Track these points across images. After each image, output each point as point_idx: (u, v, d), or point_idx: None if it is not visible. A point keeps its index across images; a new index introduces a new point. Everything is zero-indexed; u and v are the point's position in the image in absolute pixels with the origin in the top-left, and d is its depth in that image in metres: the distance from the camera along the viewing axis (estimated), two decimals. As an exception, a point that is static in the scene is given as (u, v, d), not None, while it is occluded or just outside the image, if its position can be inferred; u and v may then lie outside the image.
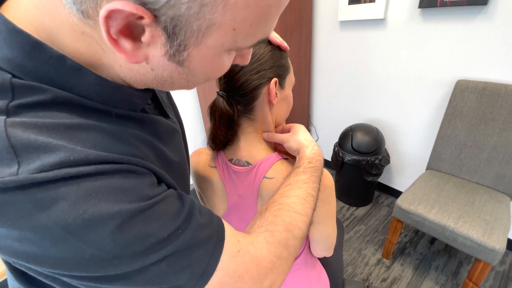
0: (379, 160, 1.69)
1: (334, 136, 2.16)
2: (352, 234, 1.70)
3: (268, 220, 0.39)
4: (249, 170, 0.53)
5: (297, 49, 1.88)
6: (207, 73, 0.29)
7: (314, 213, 0.45)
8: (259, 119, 0.53)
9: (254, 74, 0.47)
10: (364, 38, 1.70)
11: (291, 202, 0.42)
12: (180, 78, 0.29)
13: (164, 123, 0.39)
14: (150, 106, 0.39)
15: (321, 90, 2.16)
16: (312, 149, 0.50)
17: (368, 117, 1.91)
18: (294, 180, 0.45)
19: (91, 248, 0.23)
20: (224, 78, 0.49)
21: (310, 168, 0.47)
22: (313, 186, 0.46)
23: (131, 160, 0.28)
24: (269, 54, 0.48)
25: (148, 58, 0.25)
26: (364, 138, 1.72)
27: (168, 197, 0.30)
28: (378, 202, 1.96)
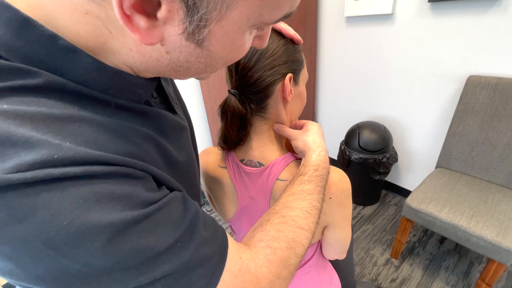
0: (387, 158, 1.67)
1: (340, 134, 2.14)
2: (360, 234, 1.68)
3: (269, 234, 0.36)
4: (262, 171, 0.52)
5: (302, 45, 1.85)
6: (227, 55, 0.26)
7: (317, 226, 0.43)
8: (273, 118, 0.51)
9: (268, 70, 0.45)
10: (371, 34, 1.68)
11: (295, 216, 0.39)
12: (198, 62, 0.26)
13: (171, 118, 0.37)
14: (156, 100, 0.36)
15: (326, 87, 2.13)
16: (319, 155, 0.46)
17: (375, 115, 1.89)
18: (298, 190, 0.42)
19: (77, 265, 0.20)
20: (236, 75, 0.47)
21: (316, 177, 0.44)
22: (318, 198, 0.43)
23: (127, 162, 0.24)
24: (282, 49, 0.46)
25: (164, 38, 0.23)
26: (371, 136, 1.70)
27: (169, 203, 0.27)
28: (386, 201, 1.94)
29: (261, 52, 0.45)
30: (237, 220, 0.60)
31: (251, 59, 0.45)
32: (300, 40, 0.49)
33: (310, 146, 0.48)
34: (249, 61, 0.45)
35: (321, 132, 0.51)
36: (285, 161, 0.51)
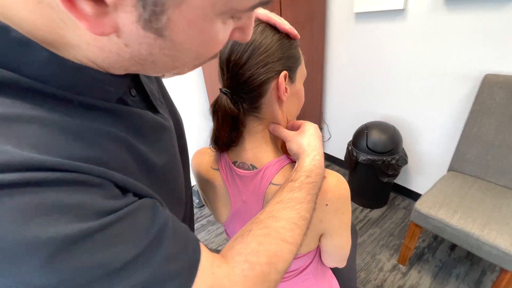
0: (396, 160, 1.62)
1: (348, 134, 2.08)
2: (366, 238, 1.64)
3: (250, 247, 0.33)
4: (254, 174, 0.49)
5: (308, 43, 1.81)
6: (197, 48, 0.23)
7: (304, 238, 0.39)
8: (267, 118, 0.49)
9: (261, 68, 0.43)
10: (382, 31, 1.62)
11: (280, 227, 0.36)
12: (163, 55, 0.23)
13: (149, 118, 0.34)
14: (135, 98, 0.34)
15: (334, 86, 2.09)
16: (313, 159, 0.43)
17: (385, 115, 1.83)
18: (287, 198, 0.39)
19: (15, 284, 0.19)
20: (227, 73, 0.45)
21: (308, 184, 0.41)
22: (308, 207, 0.39)
23: (80, 168, 0.22)
24: (277, 44, 0.44)
25: (118, 28, 0.20)
26: (380, 136, 1.65)
27: (134, 212, 0.25)
28: (394, 204, 1.89)
29: (254, 48, 0.42)
30: (230, 224, 0.58)
31: (242, 55, 0.43)
32: (297, 35, 0.46)
33: (304, 149, 0.45)
34: (240, 58, 0.43)
35: (318, 134, 0.48)
36: (279, 164, 0.49)
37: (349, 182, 1.93)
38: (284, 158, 0.50)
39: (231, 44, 0.44)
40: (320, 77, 2.02)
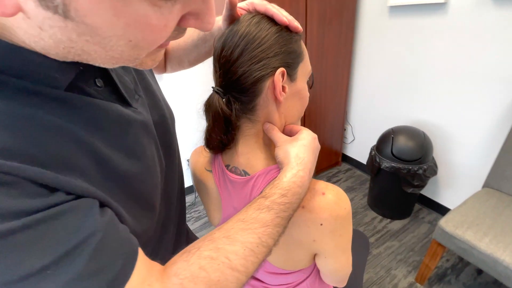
0: (424, 170, 1.50)
1: (372, 137, 1.97)
2: (382, 250, 1.55)
3: (190, 270, 0.29)
4: (246, 181, 0.47)
5: (336, 38, 1.72)
6: (125, 34, 0.20)
7: (260, 266, 0.35)
8: (262, 121, 0.45)
9: (255, 64, 0.39)
10: (418, 27, 1.49)
11: (232, 252, 0.32)
12: (87, 43, 0.20)
13: (114, 111, 0.32)
14: (100, 89, 0.32)
15: (362, 85, 1.97)
16: (295, 175, 0.38)
17: (415, 119, 1.70)
18: (251, 217, 0.35)
19: None
20: (219, 70, 0.42)
21: (280, 204, 0.36)
22: (272, 232, 0.35)
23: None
24: (274, 37, 0.40)
25: (21, 8, 0.18)
26: (407, 143, 1.53)
27: (55, 216, 0.22)
28: (418, 217, 1.76)
29: (247, 42, 0.39)
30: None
31: (234, 50, 0.39)
32: (297, 27, 0.42)
33: (290, 160, 0.40)
34: (232, 53, 0.40)
35: (313, 146, 0.43)
36: (272, 173, 0.45)
37: (370, 189, 1.83)
38: (277, 167, 0.47)
39: (224, 38, 0.41)
40: (346, 74, 1.92)
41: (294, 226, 0.43)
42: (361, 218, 1.79)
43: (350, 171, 2.28)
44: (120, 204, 0.31)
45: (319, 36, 1.65)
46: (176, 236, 0.55)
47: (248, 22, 0.40)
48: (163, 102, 0.48)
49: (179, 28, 0.24)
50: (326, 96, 1.90)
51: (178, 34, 0.25)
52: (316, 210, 0.41)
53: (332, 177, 2.22)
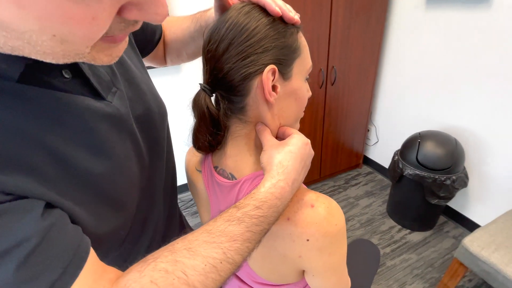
0: (452, 181, 1.37)
1: (398, 141, 1.85)
2: (398, 262, 1.46)
3: (140, 282, 0.27)
4: (232, 185, 0.44)
5: (363, 31, 1.61)
6: (41, 27, 0.18)
7: (223, 284, 0.32)
8: (254, 121, 0.42)
9: (242, 60, 0.36)
10: (459, 21, 1.35)
11: (191, 267, 0.29)
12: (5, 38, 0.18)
13: (78, 104, 0.30)
14: (68, 80, 0.30)
15: (389, 83, 1.85)
16: (275, 186, 0.34)
17: (446, 124, 1.56)
18: (218, 229, 0.32)
19: None
20: (206, 66, 0.39)
21: (252, 218, 0.32)
22: (241, 248, 0.32)
23: None
24: (264, 30, 0.36)
25: None
26: (435, 150, 1.41)
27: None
28: (442, 230, 1.64)
29: (234, 34, 0.36)
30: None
31: (220, 44, 0.36)
32: (293, 19, 0.37)
33: (271, 167, 0.36)
34: (218, 48, 0.36)
35: (301, 153, 0.38)
36: (259, 179, 0.42)
37: (390, 195, 1.73)
38: None
39: (210, 31, 0.38)
40: (373, 71, 1.80)
41: (278, 239, 0.40)
42: (378, 226, 1.70)
43: (371, 174, 2.17)
44: (78, 204, 0.30)
45: (345, 29, 1.55)
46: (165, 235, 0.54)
47: (237, 12, 0.37)
48: (151, 95, 0.46)
49: (125, 19, 0.21)
50: (349, 93, 1.80)
51: (128, 26, 0.22)
52: (302, 223, 0.37)
53: (351, 179, 2.13)
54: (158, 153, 0.48)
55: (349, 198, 1.94)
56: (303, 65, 0.42)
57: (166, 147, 0.52)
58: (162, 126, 0.49)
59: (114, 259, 0.43)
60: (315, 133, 1.83)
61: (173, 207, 0.57)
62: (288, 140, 0.39)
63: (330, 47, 1.56)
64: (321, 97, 1.72)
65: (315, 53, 1.55)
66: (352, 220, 1.75)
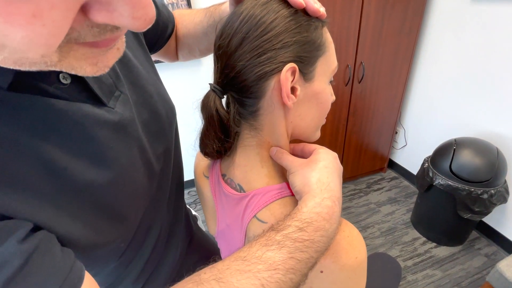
0: (490, 195, 1.25)
1: (428, 146, 1.72)
2: (420, 277, 1.37)
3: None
4: (240, 198, 0.40)
5: (398, 26, 1.49)
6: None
7: None
8: (265, 129, 0.37)
9: (257, 57, 0.31)
10: (508, 17, 1.20)
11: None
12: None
13: (76, 112, 0.28)
14: (64, 86, 0.28)
15: (424, 83, 1.71)
16: (319, 204, 0.30)
17: (487, 131, 1.42)
18: (253, 255, 0.27)
19: None
20: (218, 63, 0.35)
21: (296, 241, 0.28)
22: (283, 281, 0.27)
23: None
24: (284, 22, 0.31)
25: None
26: (473, 159, 1.29)
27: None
28: (473, 247, 1.51)
29: (249, 28, 0.31)
30: (218, 240, 0.51)
31: (232, 39, 0.32)
32: (318, 11, 0.32)
33: (311, 186, 0.32)
34: (230, 43, 0.32)
35: (336, 168, 0.34)
36: (271, 195, 0.38)
37: (416, 205, 1.62)
38: (282, 188, 0.38)
39: (223, 24, 0.34)
40: (406, 68, 1.68)
41: None
42: (400, 236, 1.60)
43: (395, 180, 2.05)
44: (76, 217, 0.28)
45: (377, 22, 1.44)
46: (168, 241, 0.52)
47: (253, 3, 0.32)
48: (158, 97, 0.43)
49: (97, 23, 0.17)
50: (378, 92, 1.69)
51: (105, 33, 0.18)
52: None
53: (374, 184, 2.03)
54: (167, 159, 0.45)
55: (370, 203, 1.85)
56: (328, 65, 0.36)
57: (174, 150, 0.49)
58: (170, 130, 0.47)
59: (115, 268, 0.42)
60: (337, 132, 1.75)
61: (179, 211, 0.54)
62: (317, 156, 0.35)
63: (359, 42, 1.46)
64: (346, 95, 1.62)
65: (343, 48, 1.45)
66: (372, 227, 1.67)
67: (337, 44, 1.43)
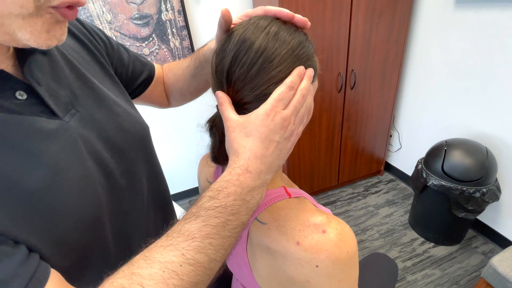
0: (482, 193, 1.31)
1: (422, 148, 1.79)
2: (419, 277, 1.41)
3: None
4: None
5: (386, 33, 1.57)
6: None
7: None
8: None
9: (274, 84, 0.36)
10: (492, 22, 1.27)
11: (148, 277, 0.27)
12: None
13: (29, 125, 0.30)
14: (20, 101, 0.30)
15: (414, 86, 1.78)
16: (230, 173, 0.32)
17: (477, 132, 1.48)
18: (175, 230, 0.30)
19: None
20: (228, 87, 0.38)
21: (208, 209, 0.30)
22: (202, 246, 0.29)
23: None
24: (294, 55, 0.36)
25: None
26: (464, 159, 1.35)
27: None
28: (470, 246, 1.56)
29: (265, 59, 0.35)
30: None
31: (250, 69, 0.36)
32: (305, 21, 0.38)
33: (230, 154, 0.35)
34: (248, 72, 0.36)
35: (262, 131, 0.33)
36: (270, 198, 0.43)
37: (413, 206, 1.67)
38: (279, 191, 0.44)
39: (234, 52, 0.37)
40: (396, 74, 1.75)
41: (287, 262, 0.40)
42: (399, 237, 1.65)
43: (392, 182, 2.10)
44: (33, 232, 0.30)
45: (365, 31, 1.52)
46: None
47: (264, 31, 0.36)
48: (126, 116, 0.47)
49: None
50: (370, 97, 1.76)
51: None
52: (312, 249, 0.37)
53: (371, 187, 2.08)
54: (132, 175, 0.47)
55: (368, 206, 1.90)
56: (315, 85, 0.43)
57: (150, 166, 0.52)
58: (142, 147, 0.49)
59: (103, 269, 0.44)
60: (333, 138, 1.81)
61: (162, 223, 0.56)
62: (247, 117, 0.35)
63: (349, 50, 1.54)
64: (340, 102, 1.69)
65: (334, 56, 1.52)
66: (371, 230, 1.71)
67: (328, 53, 1.50)
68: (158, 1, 1.45)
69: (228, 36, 0.38)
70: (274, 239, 0.39)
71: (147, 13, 1.45)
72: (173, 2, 1.47)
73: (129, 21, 1.44)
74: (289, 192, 0.43)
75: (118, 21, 1.42)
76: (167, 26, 1.51)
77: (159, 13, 1.47)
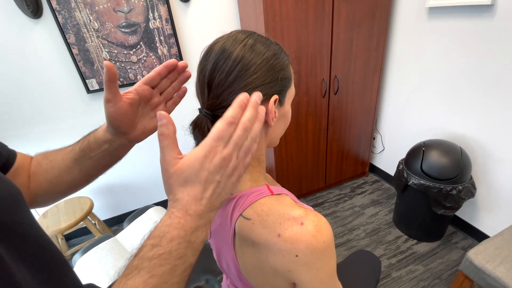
0: (458, 191, 1.38)
1: (404, 149, 1.87)
2: (404, 273, 1.46)
3: None
4: (229, 200, 0.48)
5: (366, 41, 1.65)
6: None
7: None
8: None
9: (250, 91, 0.40)
10: (461, 30, 1.37)
11: None
12: None
13: None
14: None
15: (394, 91, 1.87)
16: (170, 216, 0.30)
17: (452, 133, 1.57)
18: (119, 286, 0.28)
19: None
20: (209, 93, 0.42)
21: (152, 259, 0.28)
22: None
23: None
24: (269, 64, 0.40)
25: None
26: (440, 159, 1.42)
27: None
28: (450, 241, 1.63)
29: (242, 67, 0.39)
30: (211, 240, 0.58)
31: (228, 76, 0.40)
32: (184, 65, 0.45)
33: (173, 193, 0.32)
34: (226, 79, 0.40)
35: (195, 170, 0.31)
36: (254, 195, 0.46)
37: (396, 205, 1.74)
38: (263, 189, 0.47)
39: (215, 60, 0.41)
40: (377, 79, 1.83)
41: (269, 253, 0.43)
42: (384, 235, 1.70)
43: (377, 183, 2.17)
44: None
45: (346, 40, 1.59)
46: None
47: (242, 43, 0.41)
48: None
49: None
50: (353, 102, 1.83)
51: None
52: (291, 240, 0.41)
53: (357, 188, 2.14)
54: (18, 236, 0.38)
55: (354, 207, 1.95)
56: (292, 91, 0.47)
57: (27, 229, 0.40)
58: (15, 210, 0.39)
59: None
60: (319, 141, 1.86)
61: None
62: (186, 159, 0.32)
63: (332, 58, 1.60)
64: (324, 106, 1.75)
65: (318, 64, 1.59)
66: (358, 229, 1.76)
67: (312, 60, 1.56)
68: (146, 10, 1.47)
69: (210, 47, 0.43)
70: (258, 233, 0.42)
71: (135, 21, 1.47)
72: (160, 11, 1.50)
73: (117, 29, 1.46)
74: (271, 189, 0.47)
75: (106, 29, 1.44)
76: (155, 34, 1.54)
77: (146, 21, 1.50)
